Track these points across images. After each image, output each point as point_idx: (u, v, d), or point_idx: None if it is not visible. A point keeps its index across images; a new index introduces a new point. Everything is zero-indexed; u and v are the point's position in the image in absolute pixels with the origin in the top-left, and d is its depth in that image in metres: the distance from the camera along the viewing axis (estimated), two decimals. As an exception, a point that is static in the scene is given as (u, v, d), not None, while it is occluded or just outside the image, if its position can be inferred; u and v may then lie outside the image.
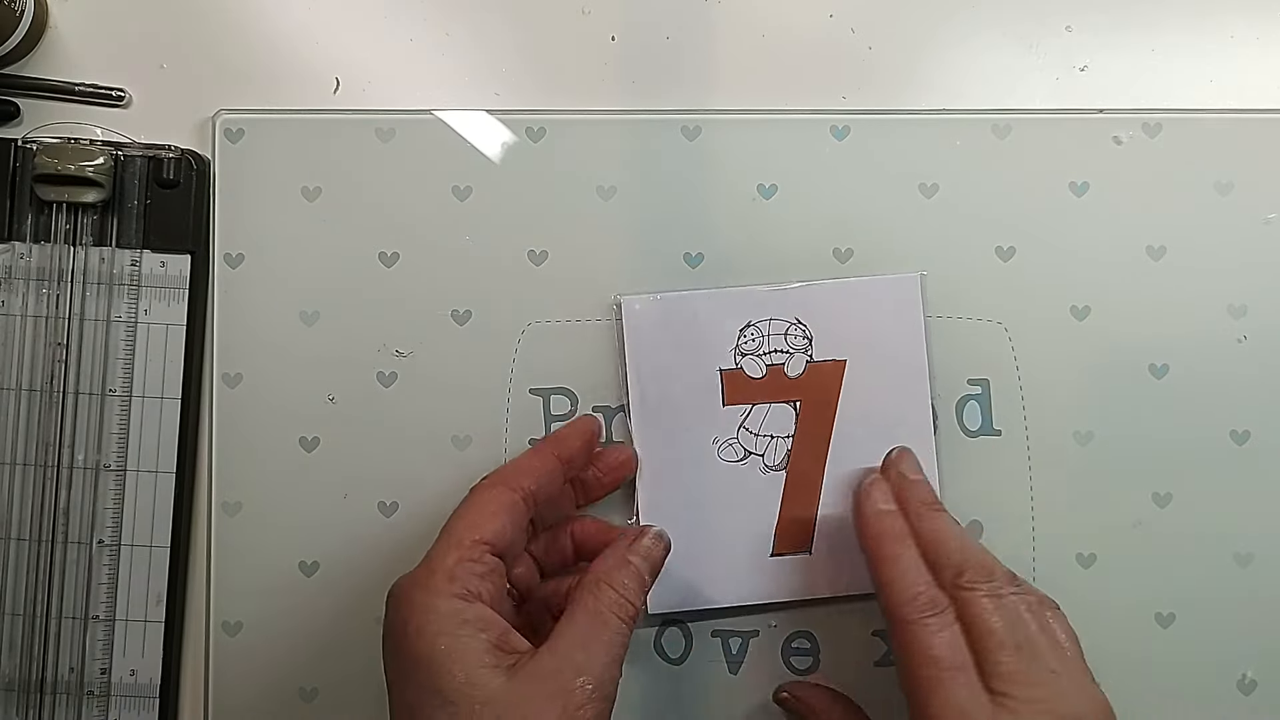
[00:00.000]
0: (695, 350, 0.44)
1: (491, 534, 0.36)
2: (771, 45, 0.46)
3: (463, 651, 0.33)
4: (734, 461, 0.43)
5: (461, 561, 0.35)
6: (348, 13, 0.47)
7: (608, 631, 0.35)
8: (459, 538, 0.35)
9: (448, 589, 0.34)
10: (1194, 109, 0.46)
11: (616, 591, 0.36)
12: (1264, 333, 0.44)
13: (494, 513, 0.37)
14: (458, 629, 0.33)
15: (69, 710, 0.44)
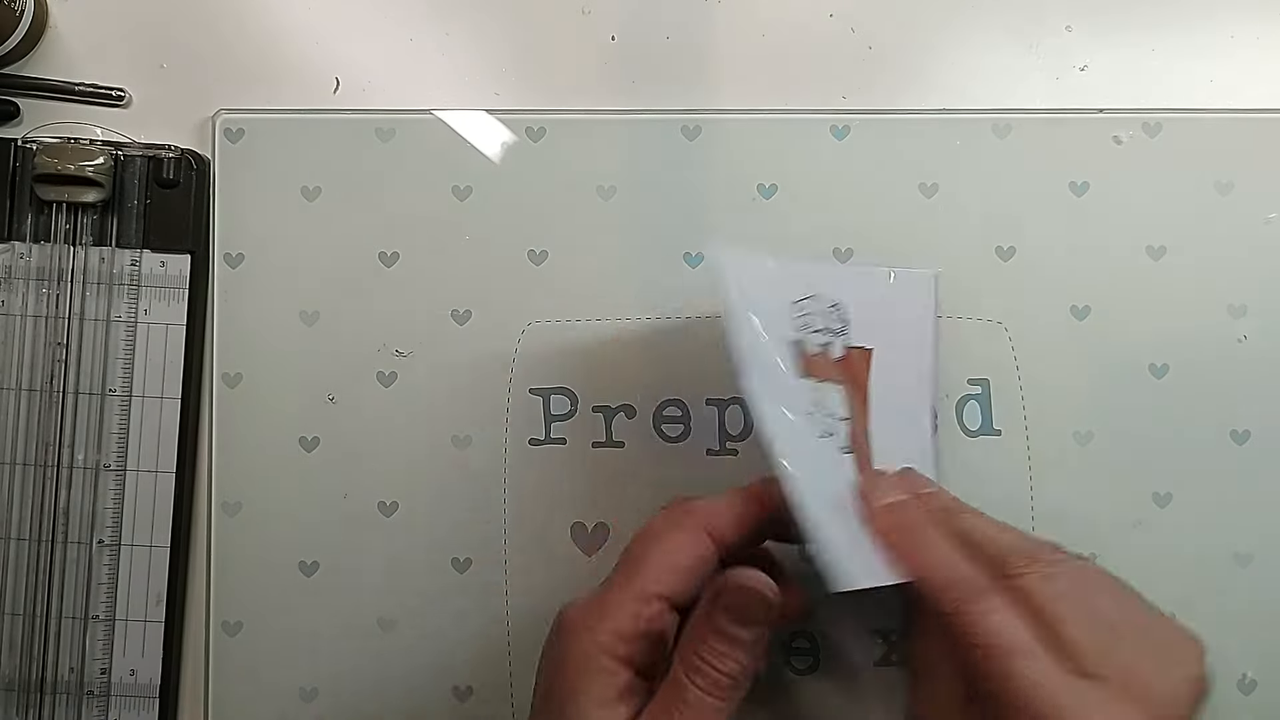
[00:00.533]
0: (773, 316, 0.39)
1: (676, 589, 0.33)
2: (771, 45, 0.46)
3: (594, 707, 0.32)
4: (821, 438, 0.39)
5: (638, 621, 0.33)
6: (348, 13, 0.47)
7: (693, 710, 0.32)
8: (643, 587, 0.33)
9: (618, 648, 0.32)
10: (1194, 109, 0.46)
11: (703, 661, 0.32)
12: (1264, 333, 0.44)
13: (688, 567, 0.34)
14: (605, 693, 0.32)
15: (69, 710, 0.44)
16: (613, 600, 0.33)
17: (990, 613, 0.32)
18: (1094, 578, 0.34)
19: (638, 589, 0.33)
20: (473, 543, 0.44)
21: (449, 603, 0.44)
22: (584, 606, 0.33)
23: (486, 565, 0.44)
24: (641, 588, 0.33)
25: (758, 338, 0.38)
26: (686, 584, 0.33)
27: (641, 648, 0.33)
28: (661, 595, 0.33)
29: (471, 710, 0.44)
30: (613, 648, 0.32)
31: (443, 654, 0.44)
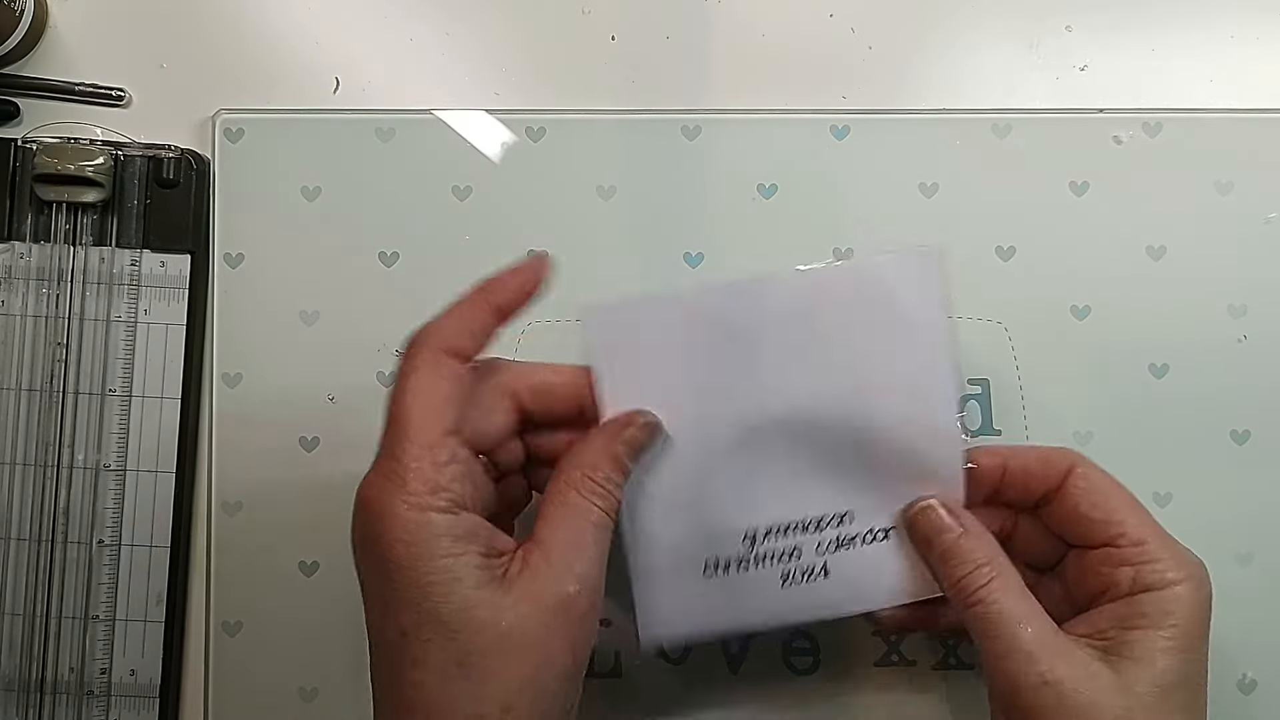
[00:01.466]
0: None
1: (454, 421, 0.32)
2: (771, 45, 0.46)
3: (456, 572, 0.30)
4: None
5: (437, 467, 0.31)
6: (348, 13, 0.47)
7: (597, 531, 0.33)
8: (421, 433, 0.31)
9: (431, 502, 0.31)
10: (1194, 109, 0.46)
11: (602, 487, 0.33)
12: (1264, 333, 0.44)
13: (447, 395, 0.32)
14: (450, 548, 0.31)
15: (69, 710, 0.44)
16: (404, 459, 0.31)
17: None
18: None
19: (418, 436, 0.31)
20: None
21: (449, 603, 0.44)
22: (378, 481, 0.31)
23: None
24: (421, 434, 0.31)
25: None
26: (455, 410, 0.32)
27: (453, 486, 0.31)
28: (445, 432, 0.32)
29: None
30: (431, 501, 0.31)
31: (443, 654, 0.44)
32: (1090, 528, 0.36)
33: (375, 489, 0.31)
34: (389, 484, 0.31)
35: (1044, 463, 0.37)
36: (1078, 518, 0.36)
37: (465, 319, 0.34)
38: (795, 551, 0.38)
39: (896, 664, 0.44)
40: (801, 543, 0.38)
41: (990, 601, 0.34)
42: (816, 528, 0.38)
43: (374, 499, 0.31)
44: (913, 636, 0.44)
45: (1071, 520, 0.36)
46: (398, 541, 0.31)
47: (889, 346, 0.36)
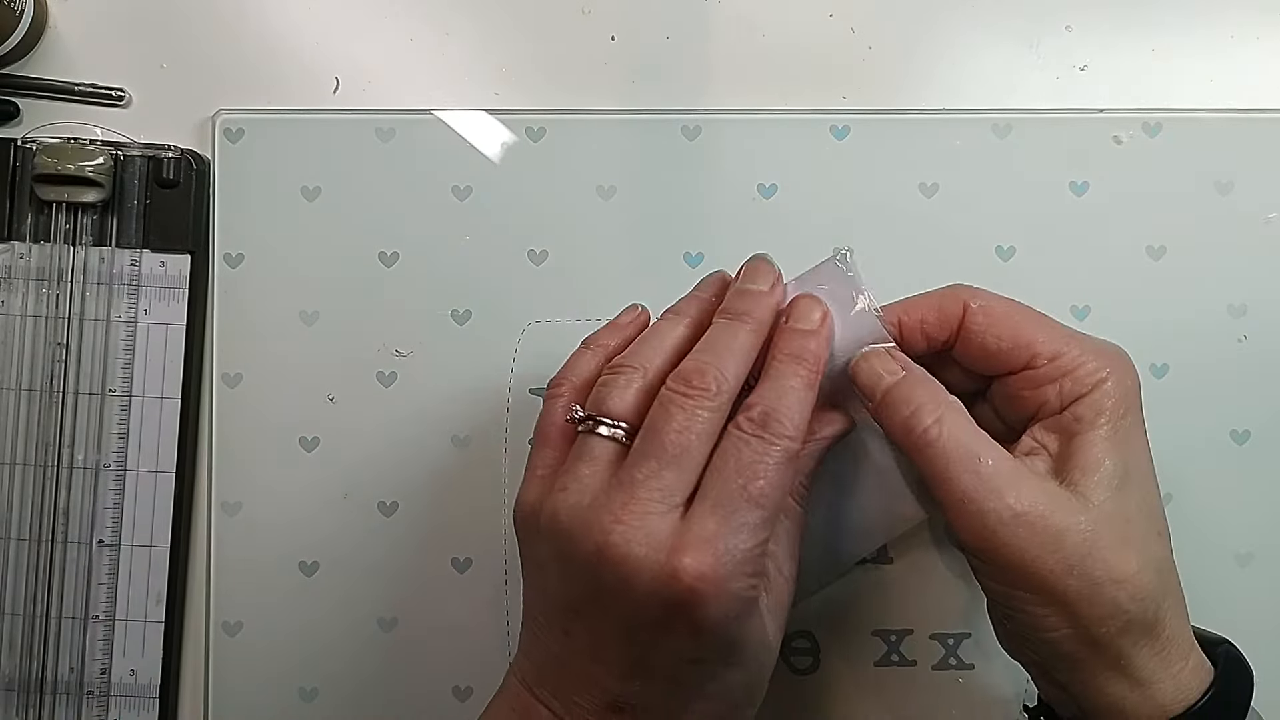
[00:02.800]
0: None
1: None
2: (771, 45, 0.46)
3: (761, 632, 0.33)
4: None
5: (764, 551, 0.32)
6: (348, 13, 0.47)
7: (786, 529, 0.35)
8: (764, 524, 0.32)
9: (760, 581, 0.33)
10: (1194, 109, 0.46)
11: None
12: (1264, 333, 0.44)
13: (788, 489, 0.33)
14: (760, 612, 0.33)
15: (69, 710, 0.44)
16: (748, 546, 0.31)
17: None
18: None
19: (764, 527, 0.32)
20: (473, 543, 0.44)
21: (449, 603, 0.44)
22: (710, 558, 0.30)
23: (486, 565, 0.44)
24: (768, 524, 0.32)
25: None
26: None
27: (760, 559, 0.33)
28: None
29: (471, 710, 0.44)
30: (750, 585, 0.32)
31: (443, 654, 0.44)
32: (1004, 358, 0.35)
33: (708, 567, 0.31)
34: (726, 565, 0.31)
35: (937, 310, 0.36)
36: (988, 353, 0.35)
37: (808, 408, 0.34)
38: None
39: (896, 664, 0.44)
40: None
41: (944, 439, 0.33)
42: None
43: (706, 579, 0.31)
44: (912, 637, 0.44)
45: (982, 356, 0.35)
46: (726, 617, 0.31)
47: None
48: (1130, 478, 0.33)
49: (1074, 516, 0.32)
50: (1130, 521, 0.33)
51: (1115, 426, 0.34)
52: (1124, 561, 0.32)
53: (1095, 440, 0.33)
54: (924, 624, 0.44)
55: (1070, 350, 0.34)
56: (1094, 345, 0.35)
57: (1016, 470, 0.33)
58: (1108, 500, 0.33)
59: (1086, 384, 0.34)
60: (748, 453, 0.32)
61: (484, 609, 0.44)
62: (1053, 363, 0.34)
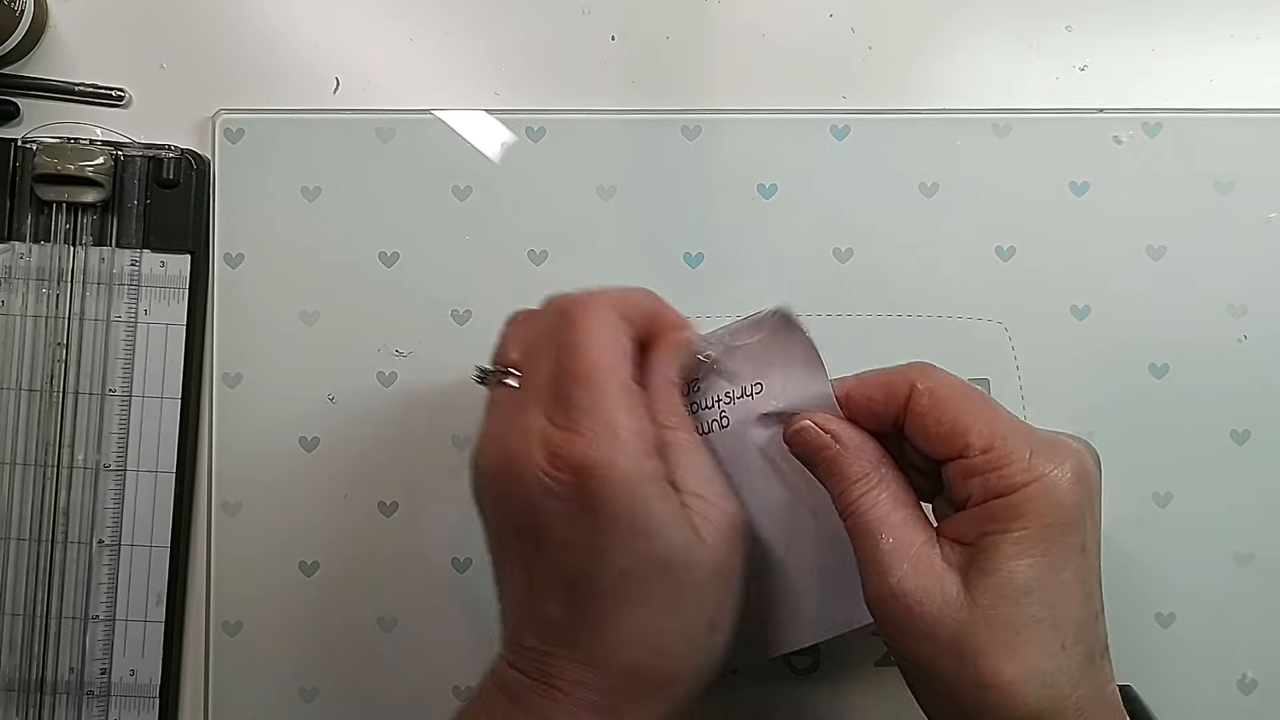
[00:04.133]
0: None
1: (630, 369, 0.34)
2: (771, 45, 0.46)
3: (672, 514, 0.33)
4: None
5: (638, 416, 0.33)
6: (348, 13, 0.47)
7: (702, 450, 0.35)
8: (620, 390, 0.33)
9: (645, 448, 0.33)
10: (1194, 109, 0.46)
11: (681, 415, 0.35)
12: (1264, 333, 0.44)
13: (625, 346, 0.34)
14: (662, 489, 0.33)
15: (69, 710, 0.44)
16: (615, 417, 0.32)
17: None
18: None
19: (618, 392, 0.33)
20: (473, 543, 0.44)
21: (449, 603, 0.44)
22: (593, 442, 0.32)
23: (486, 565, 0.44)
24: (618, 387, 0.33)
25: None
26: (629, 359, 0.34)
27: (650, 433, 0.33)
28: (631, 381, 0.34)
29: (471, 710, 0.44)
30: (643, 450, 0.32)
31: (443, 654, 0.44)
32: (940, 443, 0.34)
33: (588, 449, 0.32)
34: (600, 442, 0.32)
35: (886, 388, 0.36)
36: (926, 436, 0.34)
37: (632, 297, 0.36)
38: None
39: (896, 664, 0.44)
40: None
41: (859, 514, 0.34)
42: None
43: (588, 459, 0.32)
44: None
45: (922, 438, 0.35)
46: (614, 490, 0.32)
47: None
48: (1036, 592, 0.32)
49: (950, 612, 0.32)
50: (1020, 634, 0.32)
51: (1031, 534, 0.32)
52: (997, 669, 0.31)
53: (1001, 544, 0.32)
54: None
55: (1004, 446, 0.33)
56: (1035, 443, 0.33)
57: (915, 553, 0.33)
58: (995, 606, 0.32)
59: (1010, 484, 0.32)
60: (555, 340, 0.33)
61: (484, 609, 0.44)
62: (983, 455, 0.33)
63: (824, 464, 0.35)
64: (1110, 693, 0.33)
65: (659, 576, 0.32)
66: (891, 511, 0.34)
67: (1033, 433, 0.34)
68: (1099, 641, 0.33)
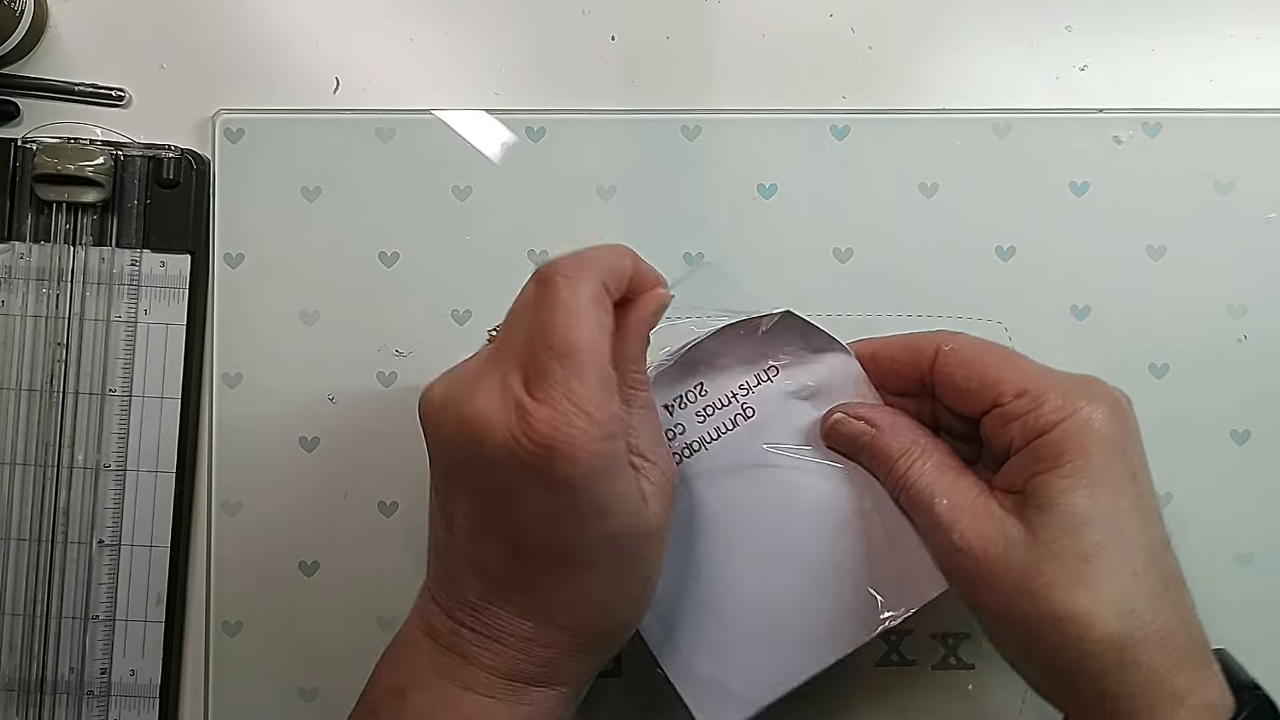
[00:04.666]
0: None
1: (609, 346, 0.33)
2: (771, 45, 0.46)
3: (631, 492, 0.33)
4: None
5: (611, 396, 0.32)
6: (348, 13, 0.47)
7: (655, 412, 0.36)
8: (598, 369, 0.31)
9: (610, 431, 0.32)
10: (1194, 109, 0.46)
11: (645, 375, 0.35)
12: (1264, 333, 0.44)
13: (606, 322, 0.33)
14: (627, 469, 0.33)
15: (69, 710, 0.44)
16: (587, 396, 0.31)
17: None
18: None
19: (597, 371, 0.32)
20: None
21: (449, 603, 0.44)
22: (558, 417, 0.31)
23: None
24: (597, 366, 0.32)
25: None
26: (609, 335, 0.33)
27: (619, 412, 0.33)
28: (608, 360, 0.32)
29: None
30: (614, 433, 0.32)
31: (443, 654, 0.44)
32: (974, 397, 0.36)
33: (556, 424, 0.31)
34: (571, 416, 0.31)
35: (911, 349, 0.37)
36: (959, 393, 0.36)
37: (613, 262, 0.34)
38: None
39: (896, 664, 0.44)
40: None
41: (909, 485, 0.36)
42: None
43: (555, 432, 0.31)
44: (912, 637, 0.44)
45: (955, 397, 0.36)
46: (581, 468, 0.31)
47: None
48: (1096, 520, 0.33)
49: (1016, 553, 0.33)
50: (1088, 562, 0.32)
51: (1078, 466, 0.33)
52: (1071, 599, 0.32)
53: (1052, 481, 0.33)
54: (924, 624, 0.44)
55: (1035, 388, 0.34)
56: (1066, 384, 0.35)
57: (971, 507, 0.35)
58: (1057, 539, 0.33)
59: (1047, 422, 0.34)
60: (536, 308, 0.32)
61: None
62: (1017, 399, 0.35)
63: (864, 450, 0.37)
64: (1195, 625, 0.34)
65: (608, 548, 0.33)
66: (939, 475, 0.35)
67: (1062, 375, 0.35)
68: (1172, 572, 0.34)
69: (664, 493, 0.34)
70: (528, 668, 0.34)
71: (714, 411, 0.38)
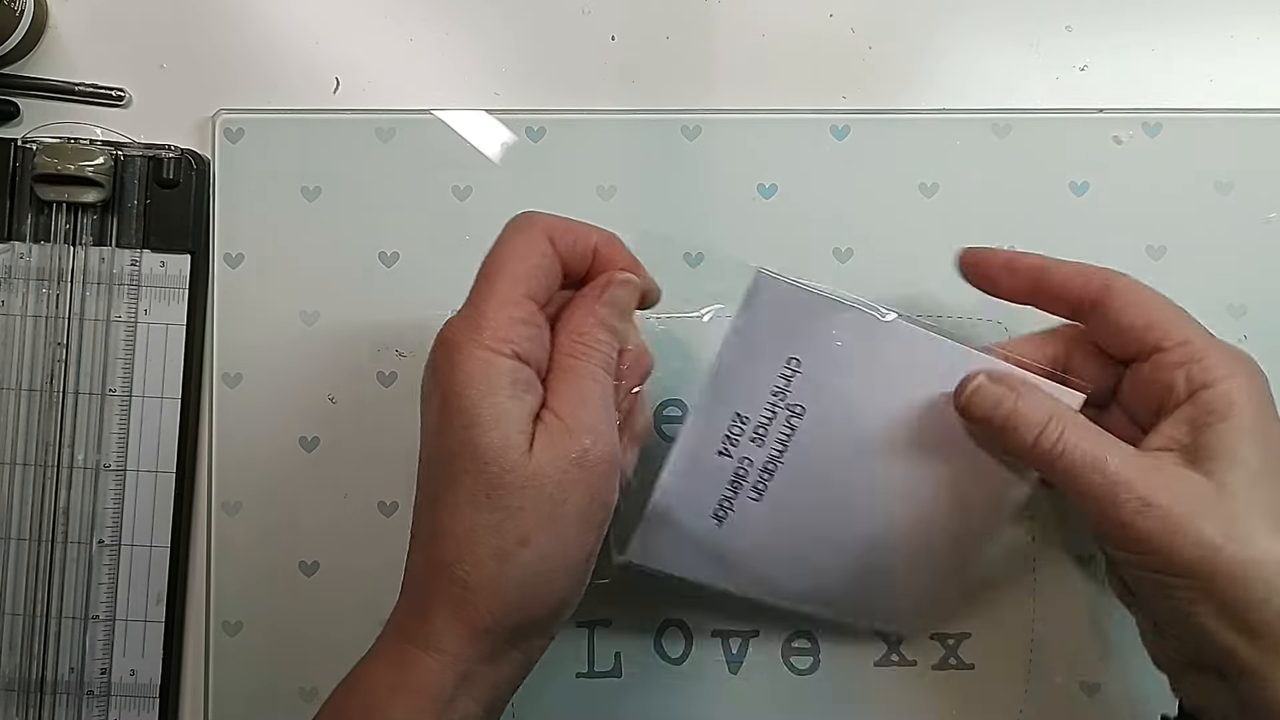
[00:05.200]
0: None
1: (536, 289, 0.35)
2: (771, 45, 0.46)
3: (505, 411, 0.33)
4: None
5: (513, 322, 0.34)
6: (348, 13, 0.47)
7: (598, 388, 0.35)
8: (507, 293, 0.34)
9: (499, 347, 0.33)
10: (1194, 109, 0.46)
11: (593, 348, 0.35)
12: (1264, 333, 0.44)
13: (536, 264, 0.35)
14: (510, 390, 0.33)
15: (69, 710, 0.44)
16: (486, 309, 0.34)
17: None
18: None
19: (504, 294, 0.34)
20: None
21: (449, 603, 0.44)
22: (459, 324, 0.34)
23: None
24: (507, 291, 0.34)
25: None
26: (540, 282, 0.35)
27: (523, 343, 0.34)
28: (524, 295, 0.35)
29: (471, 710, 0.44)
30: (500, 347, 0.33)
31: (443, 654, 0.44)
32: (1134, 336, 0.36)
33: (453, 330, 0.34)
34: (466, 326, 0.34)
35: (1082, 274, 0.37)
36: (1120, 329, 0.36)
37: (575, 227, 0.37)
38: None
39: (896, 664, 0.44)
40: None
41: (1070, 450, 0.34)
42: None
43: (450, 338, 0.34)
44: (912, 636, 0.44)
45: (1115, 332, 0.36)
46: (461, 373, 0.33)
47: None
48: (1267, 474, 0.33)
49: (1212, 503, 0.32)
50: (1276, 511, 0.33)
51: (1251, 419, 0.33)
52: (1270, 545, 0.32)
53: (1228, 432, 0.33)
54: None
55: (1198, 340, 0.35)
56: (1223, 346, 0.35)
57: (1145, 464, 0.34)
58: (1247, 489, 0.33)
59: (1214, 375, 0.34)
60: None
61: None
62: (1180, 347, 0.35)
63: (1003, 417, 0.35)
64: None
65: (474, 467, 0.33)
66: (1096, 438, 0.34)
67: (1211, 335, 0.36)
68: None
69: (566, 460, 0.33)
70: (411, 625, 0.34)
71: (765, 430, 0.37)
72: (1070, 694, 0.44)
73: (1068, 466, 0.34)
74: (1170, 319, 0.36)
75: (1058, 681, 0.44)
